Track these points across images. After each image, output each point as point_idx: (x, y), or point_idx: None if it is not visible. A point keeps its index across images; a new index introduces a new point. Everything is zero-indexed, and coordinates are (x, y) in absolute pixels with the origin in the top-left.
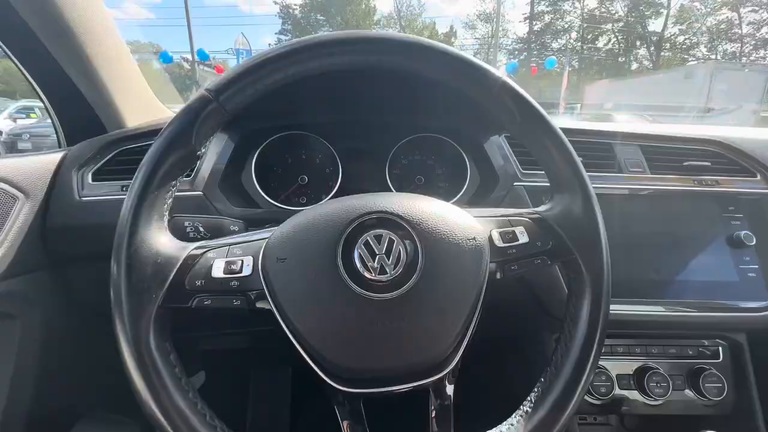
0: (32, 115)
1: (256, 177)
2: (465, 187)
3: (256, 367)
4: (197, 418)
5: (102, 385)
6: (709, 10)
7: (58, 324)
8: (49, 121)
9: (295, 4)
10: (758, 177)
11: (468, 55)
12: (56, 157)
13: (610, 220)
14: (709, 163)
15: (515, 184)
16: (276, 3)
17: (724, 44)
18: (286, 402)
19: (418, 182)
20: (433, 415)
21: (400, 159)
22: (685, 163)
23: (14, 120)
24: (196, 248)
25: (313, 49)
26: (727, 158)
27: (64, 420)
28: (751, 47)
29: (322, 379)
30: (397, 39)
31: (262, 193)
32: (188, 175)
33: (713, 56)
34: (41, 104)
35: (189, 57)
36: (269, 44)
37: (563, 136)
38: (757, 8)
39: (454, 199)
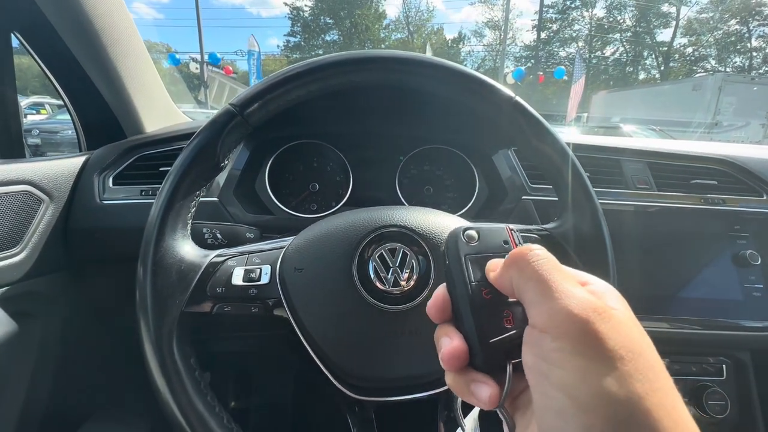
0: (42, 111)
1: (269, 184)
2: (473, 198)
3: (260, 371)
4: (215, 421)
5: (115, 384)
6: (717, 23)
7: (76, 323)
8: (58, 117)
9: (306, 6)
10: (765, 197)
11: (481, 75)
12: (79, 161)
13: (615, 237)
14: (715, 182)
15: (523, 197)
16: (286, 5)
17: (733, 57)
18: (288, 407)
19: (426, 192)
20: (441, 426)
21: (409, 169)
22: (692, 182)
23: (25, 116)
24: (217, 256)
25: (335, 67)
26: (734, 177)
27: (77, 416)
28: (761, 60)
29: (334, 386)
30: (411, 59)
31: (275, 200)
32: None
33: (722, 68)
34: (51, 101)
35: (197, 57)
36: (277, 45)
37: (573, 156)
38: (766, 22)
39: (463, 211)
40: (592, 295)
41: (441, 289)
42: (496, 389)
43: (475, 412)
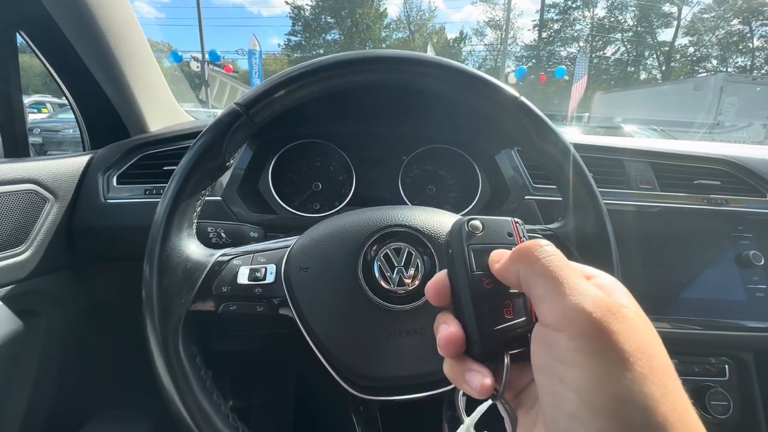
0: (44, 110)
1: (272, 183)
2: (476, 198)
3: (263, 370)
4: (220, 419)
5: (118, 383)
6: (719, 22)
7: (80, 322)
8: (60, 116)
9: (307, 5)
10: (767, 197)
11: (485, 74)
12: (83, 160)
13: (618, 237)
14: (718, 182)
15: (526, 197)
16: (287, 3)
17: (734, 57)
18: (291, 406)
19: (429, 192)
20: (446, 426)
21: (412, 168)
22: (695, 182)
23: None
24: (222, 255)
25: (339, 67)
26: (737, 177)
27: (80, 415)
28: (763, 60)
29: (338, 385)
30: (415, 58)
31: (278, 200)
32: None
33: (724, 68)
34: (52, 99)
35: (198, 56)
36: (278, 44)
37: (578, 156)
38: None
39: (466, 211)
40: (602, 291)
41: (442, 274)
42: (490, 379)
43: (477, 413)
